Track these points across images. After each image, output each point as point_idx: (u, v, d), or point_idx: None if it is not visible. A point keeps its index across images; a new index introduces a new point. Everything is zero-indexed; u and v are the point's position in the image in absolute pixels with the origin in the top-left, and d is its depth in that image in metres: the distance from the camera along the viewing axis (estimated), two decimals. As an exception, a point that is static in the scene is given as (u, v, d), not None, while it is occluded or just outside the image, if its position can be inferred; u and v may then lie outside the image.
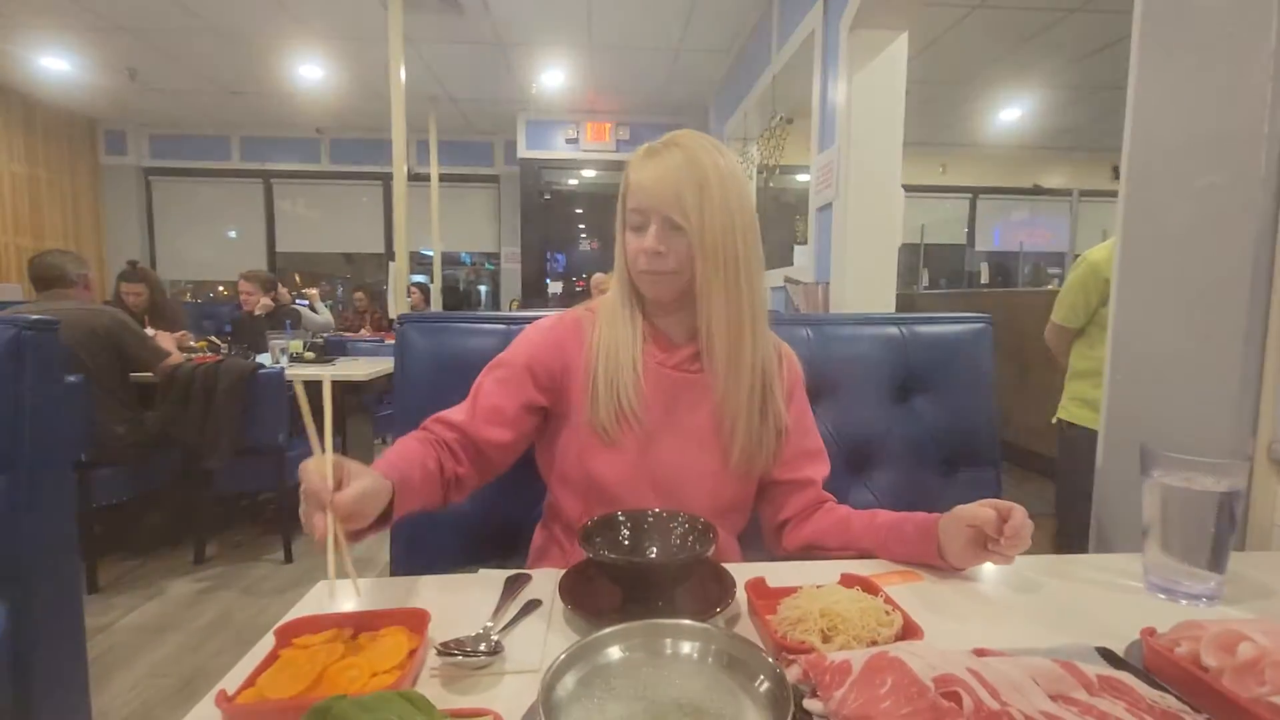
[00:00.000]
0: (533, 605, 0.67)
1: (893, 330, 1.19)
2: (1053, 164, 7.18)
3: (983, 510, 0.71)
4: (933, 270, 7.07)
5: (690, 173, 0.79)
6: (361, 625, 0.59)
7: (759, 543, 1.05)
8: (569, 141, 6.14)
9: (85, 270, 2.50)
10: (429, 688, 0.54)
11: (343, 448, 3.01)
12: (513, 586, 0.71)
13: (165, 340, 2.64)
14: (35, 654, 1.20)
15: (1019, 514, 0.70)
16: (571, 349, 0.88)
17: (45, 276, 2.39)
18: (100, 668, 1.83)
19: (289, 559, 2.61)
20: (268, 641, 0.57)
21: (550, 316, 0.94)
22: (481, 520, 1.05)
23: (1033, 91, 5.41)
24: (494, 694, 0.53)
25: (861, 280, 2.75)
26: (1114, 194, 1.10)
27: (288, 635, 0.58)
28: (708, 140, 0.83)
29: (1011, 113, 5.91)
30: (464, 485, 0.85)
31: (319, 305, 4.35)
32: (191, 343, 3.06)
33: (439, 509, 0.83)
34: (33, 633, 1.20)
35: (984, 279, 6.85)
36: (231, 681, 0.51)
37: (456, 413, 0.86)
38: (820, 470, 0.93)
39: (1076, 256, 2.01)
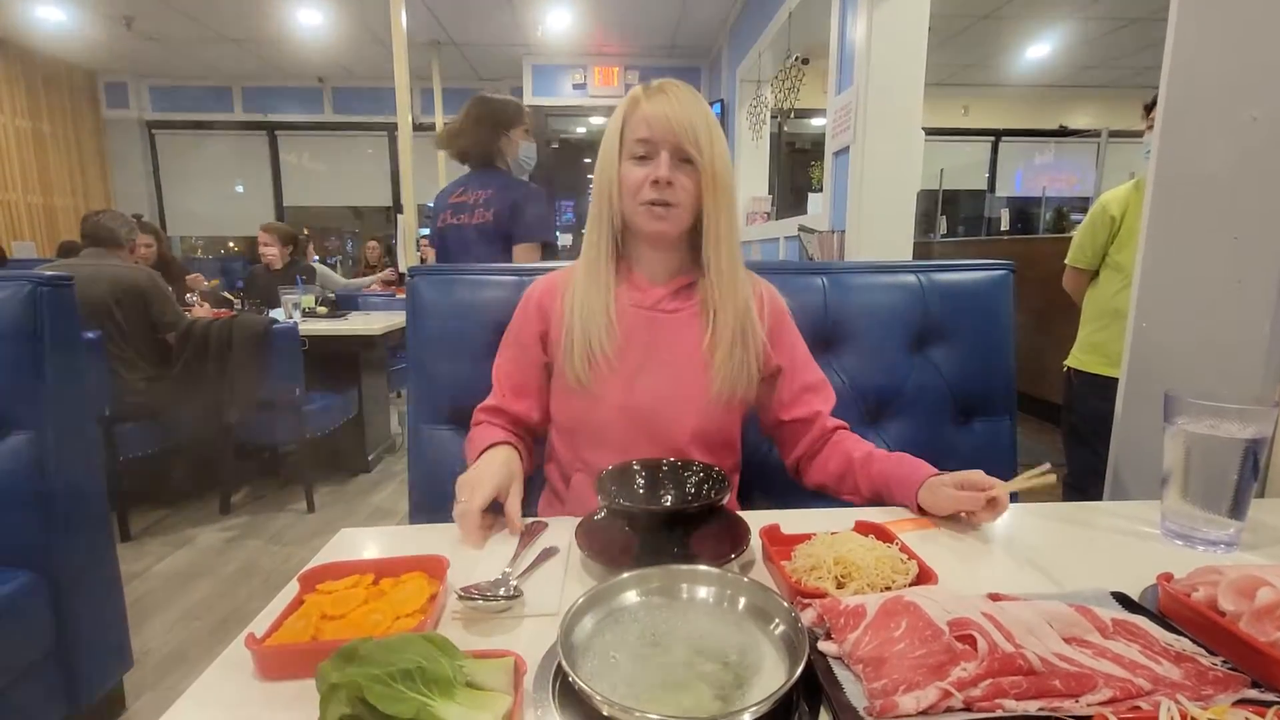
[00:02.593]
0: (550, 552, 0.68)
1: (910, 278, 1.16)
2: (1080, 103, 6.88)
3: (968, 498, 0.73)
4: (951, 217, 6.90)
5: (701, 111, 0.82)
6: (382, 571, 0.61)
7: (771, 490, 1.06)
8: (576, 87, 5.96)
9: (135, 235, 2.62)
10: (450, 630, 0.55)
11: (359, 401, 3.05)
12: (528, 533, 0.72)
13: (198, 311, 2.74)
14: (75, 597, 1.26)
15: (1003, 500, 0.72)
16: (549, 303, 0.92)
17: (97, 235, 2.46)
18: (138, 611, 1.91)
19: (311, 509, 2.68)
20: (293, 587, 0.59)
21: (533, 283, 0.96)
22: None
23: (1063, 23, 5.13)
24: (513, 637, 0.55)
25: (878, 228, 2.69)
26: (1134, 134, 1.05)
27: (312, 581, 0.59)
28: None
29: (1039, 48, 5.63)
30: (530, 449, 0.93)
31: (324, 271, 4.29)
32: (205, 284, 3.07)
33: (528, 470, 0.89)
34: (71, 576, 1.25)
35: (1004, 226, 6.67)
36: (260, 625, 0.53)
37: (490, 400, 0.93)
38: (825, 402, 0.94)
39: (1102, 201, 1.95)
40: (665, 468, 0.76)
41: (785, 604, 0.50)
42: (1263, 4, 0.86)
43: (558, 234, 6.54)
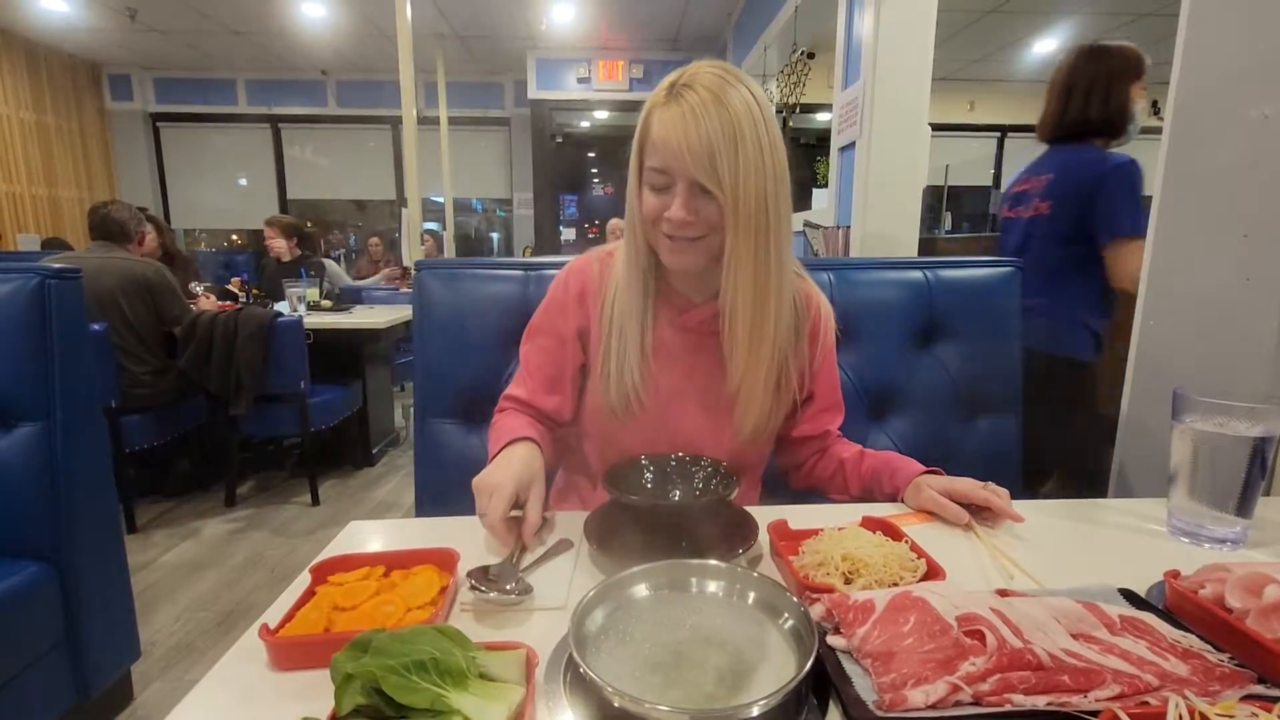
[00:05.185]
0: (562, 545, 0.68)
1: (917, 275, 1.16)
2: (1087, 99, 6.83)
3: (953, 511, 0.73)
4: (956, 213, 6.87)
5: (723, 126, 0.68)
6: (393, 564, 0.61)
7: (776, 485, 1.06)
8: (580, 81, 5.94)
9: (144, 228, 2.62)
10: (461, 623, 0.55)
11: (363, 394, 3.06)
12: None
13: (204, 303, 2.76)
14: (84, 588, 1.27)
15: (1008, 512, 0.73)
16: (591, 303, 0.85)
17: (105, 228, 2.47)
18: (144, 601, 1.93)
19: (316, 502, 2.69)
20: (304, 579, 0.59)
21: (566, 269, 0.89)
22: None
23: (1071, 18, 5.10)
24: (524, 630, 0.55)
25: (884, 224, 2.68)
26: (1153, 130, 1.04)
27: (323, 573, 0.60)
28: (731, 73, 0.71)
29: (1047, 44, 5.60)
30: (554, 443, 0.88)
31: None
32: (199, 289, 3.08)
33: (552, 465, 0.86)
34: (80, 567, 1.26)
35: (1008, 222, 6.64)
36: (272, 616, 0.54)
37: (518, 389, 0.87)
38: (836, 420, 0.93)
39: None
40: (673, 462, 0.76)
41: (794, 598, 0.50)
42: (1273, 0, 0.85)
43: (561, 229, 6.54)
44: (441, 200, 6.04)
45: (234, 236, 7.32)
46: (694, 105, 0.68)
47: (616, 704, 0.40)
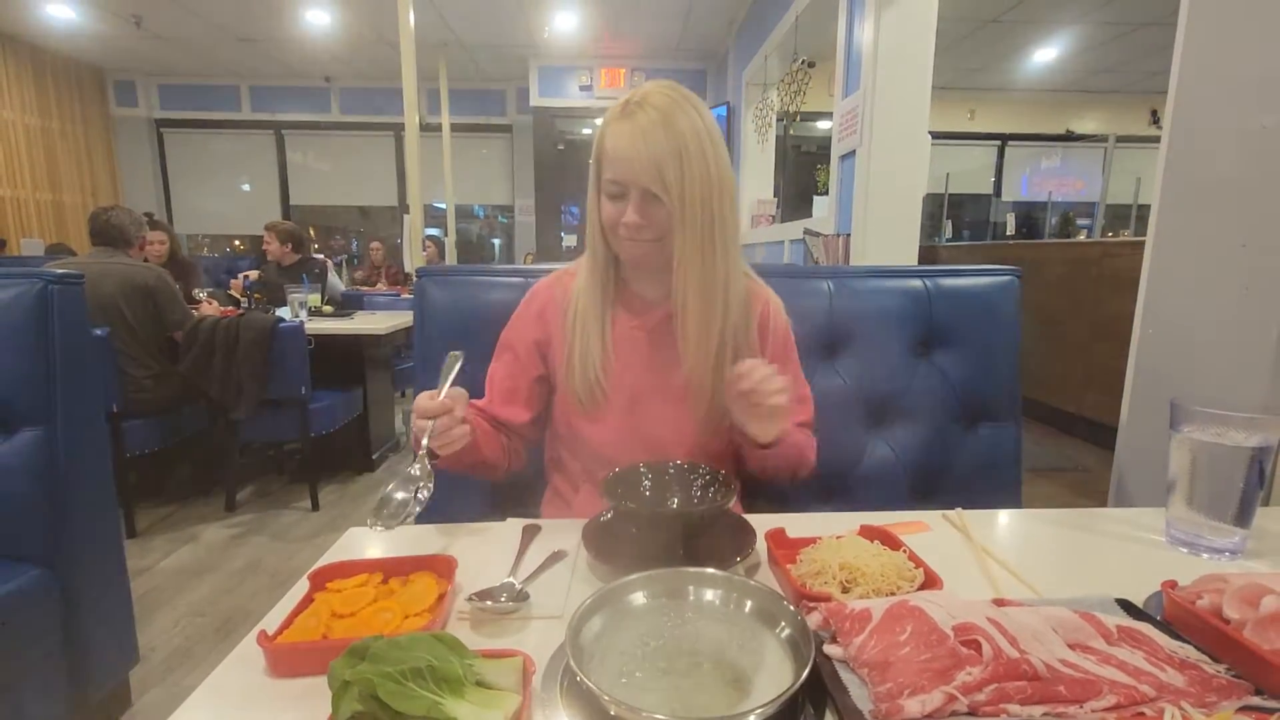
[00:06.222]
0: (558, 555, 0.68)
1: (917, 283, 1.17)
2: (1087, 108, 6.87)
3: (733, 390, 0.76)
4: (956, 221, 6.88)
5: (668, 140, 0.75)
6: (391, 570, 0.61)
7: (769, 494, 1.06)
8: (583, 89, 5.97)
9: (144, 232, 2.63)
10: (458, 630, 0.55)
11: (364, 400, 3.06)
12: (530, 535, 0.73)
13: (206, 308, 2.77)
14: (83, 592, 1.27)
15: (747, 364, 0.75)
16: (551, 316, 0.91)
17: (107, 233, 2.47)
18: (143, 606, 1.92)
19: (316, 507, 2.69)
20: (302, 585, 0.59)
21: (535, 285, 0.96)
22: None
23: (1070, 28, 5.12)
24: (521, 637, 0.55)
25: (884, 232, 2.69)
26: (1151, 139, 1.05)
27: (321, 579, 0.60)
28: (681, 95, 0.79)
29: (1046, 53, 5.63)
30: (514, 454, 0.93)
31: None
32: (202, 295, 3.10)
33: (504, 475, 0.91)
34: (80, 572, 1.26)
35: (1009, 230, 6.66)
36: (270, 622, 0.54)
37: (480, 401, 0.92)
38: (802, 415, 0.92)
39: (1108, 207, 1.92)
40: (671, 471, 0.77)
41: (791, 607, 0.50)
42: (1274, 10, 0.86)
43: (562, 235, 6.55)
44: (444, 207, 6.07)
45: (236, 242, 7.35)
46: (644, 123, 0.76)
47: (613, 712, 0.40)
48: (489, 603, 0.57)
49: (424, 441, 0.71)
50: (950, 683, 0.44)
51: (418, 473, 0.70)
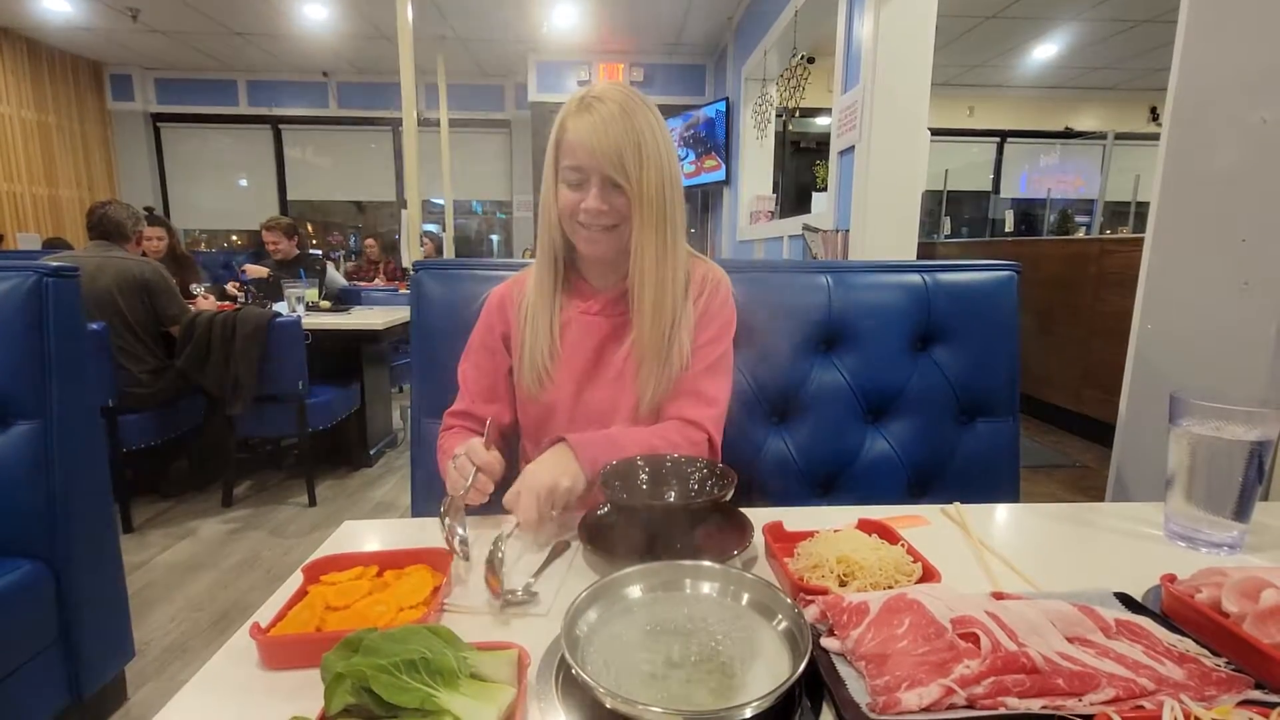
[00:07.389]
0: (560, 547, 0.68)
1: (915, 278, 1.16)
2: (1086, 105, 6.86)
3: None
4: (954, 218, 6.88)
5: (627, 130, 0.81)
6: (386, 564, 0.61)
7: (770, 488, 1.06)
8: (581, 84, 5.96)
9: (141, 227, 2.62)
10: (453, 622, 0.55)
11: (361, 395, 3.06)
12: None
13: (203, 303, 2.75)
14: (78, 587, 1.26)
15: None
16: (509, 310, 0.94)
17: (104, 227, 2.46)
18: (140, 601, 1.92)
19: (312, 502, 2.69)
20: (296, 579, 0.59)
21: (496, 286, 0.98)
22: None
23: (1070, 25, 5.11)
24: (516, 630, 0.55)
25: (883, 228, 2.69)
26: (1151, 136, 1.05)
27: (316, 572, 0.59)
28: (635, 93, 0.85)
29: (1046, 49, 5.62)
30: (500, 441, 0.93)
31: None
32: (199, 290, 3.09)
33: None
34: (75, 567, 1.25)
35: (1008, 227, 6.65)
36: (264, 615, 0.53)
37: (458, 404, 0.95)
38: (695, 413, 0.87)
39: (1107, 204, 1.92)
40: (669, 464, 0.76)
41: (788, 600, 0.50)
42: (1273, 6, 0.85)
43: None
44: (441, 202, 6.05)
45: (234, 237, 7.32)
46: (604, 115, 0.81)
47: (609, 705, 0.40)
48: (485, 596, 0.56)
49: (466, 483, 0.75)
50: (948, 676, 0.43)
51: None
